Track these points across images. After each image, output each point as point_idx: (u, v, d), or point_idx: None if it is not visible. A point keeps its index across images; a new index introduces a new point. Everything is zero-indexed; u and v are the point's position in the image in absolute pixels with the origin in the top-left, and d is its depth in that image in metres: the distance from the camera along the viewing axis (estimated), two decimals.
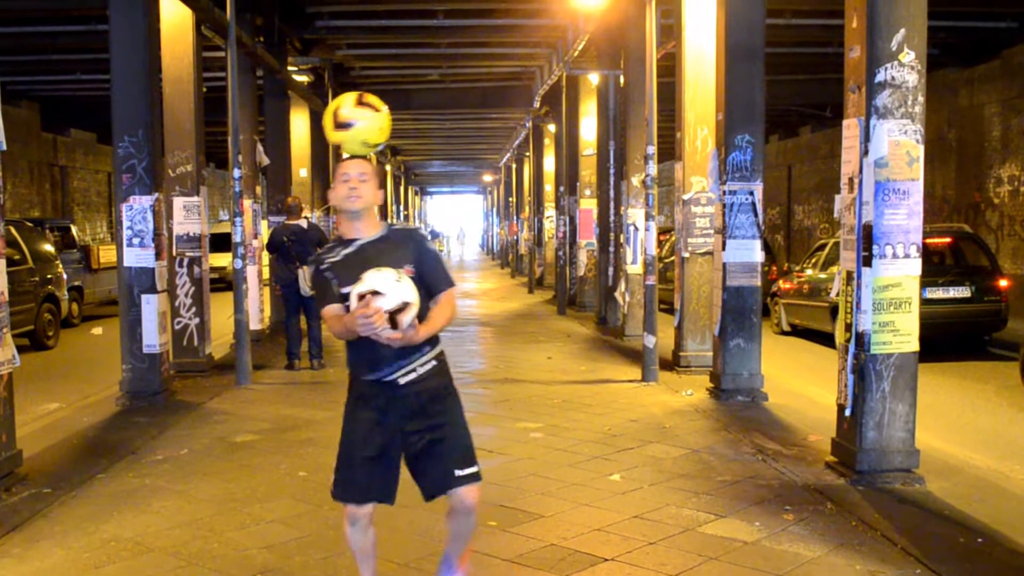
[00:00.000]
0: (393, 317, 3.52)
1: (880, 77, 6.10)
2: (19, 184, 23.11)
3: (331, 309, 3.81)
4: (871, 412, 6.22)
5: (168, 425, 8.25)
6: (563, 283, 19.52)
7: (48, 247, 15.57)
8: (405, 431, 3.81)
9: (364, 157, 3.93)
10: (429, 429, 3.81)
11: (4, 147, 6.28)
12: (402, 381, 3.78)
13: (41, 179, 24.66)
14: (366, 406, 3.82)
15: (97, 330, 16.25)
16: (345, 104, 3.94)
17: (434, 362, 3.86)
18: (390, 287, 3.53)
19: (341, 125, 3.89)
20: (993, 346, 13.20)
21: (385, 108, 4.00)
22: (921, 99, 6.18)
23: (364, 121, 3.90)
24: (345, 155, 3.97)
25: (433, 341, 3.84)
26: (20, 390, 6.95)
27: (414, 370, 3.78)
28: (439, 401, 3.86)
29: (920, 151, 6.17)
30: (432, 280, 3.84)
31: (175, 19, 10.62)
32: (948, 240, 13.58)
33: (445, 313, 3.84)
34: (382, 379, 3.78)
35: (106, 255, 18.12)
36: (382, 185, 4.04)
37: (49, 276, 15.03)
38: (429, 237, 3.85)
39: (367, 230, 3.85)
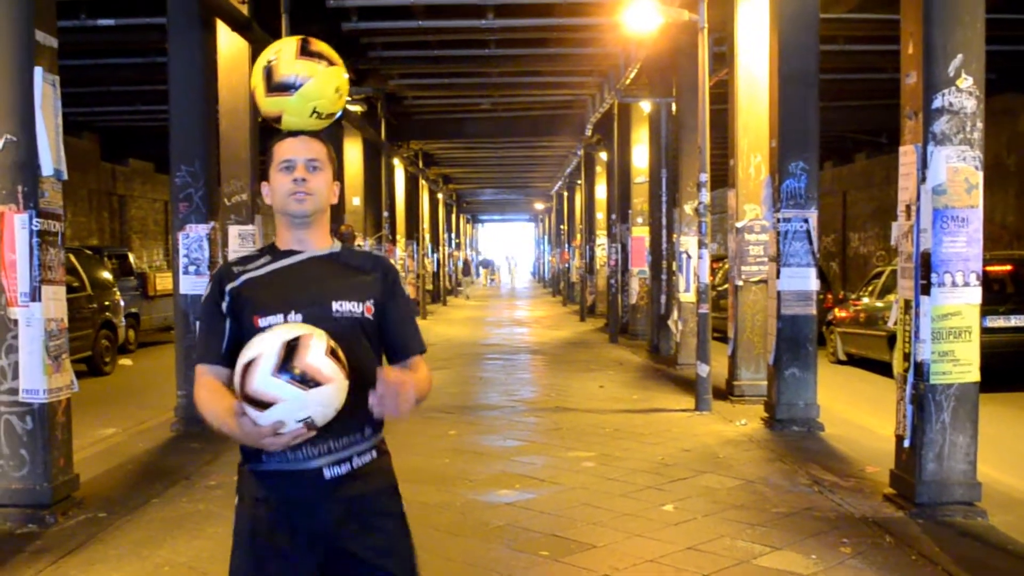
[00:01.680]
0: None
1: (937, 103, 6.02)
2: (79, 212, 23.59)
3: (214, 375, 2.56)
4: (931, 443, 6.09)
5: (222, 451, 8.31)
6: (615, 311, 19.43)
7: (106, 274, 15.84)
8: (329, 549, 2.54)
9: (313, 134, 2.68)
10: (364, 555, 2.54)
11: (65, 177, 6.41)
12: (328, 475, 2.52)
13: (100, 208, 25.15)
14: (266, 521, 2.56)
15: (127, 361, 16.23)
16: (284, 56, 2.65)
17: (374, 453, 2.62)
18: None
19: (279, 87, 2.63)
20: None
21: (339, 60, 2.73)
22: (980, 125, 6.08)
23: (314, 79, 2.63)
24: (282, 129, 2.70)
25: (375, 422, 2.60)
26: (77, 415, 7.05)
27: (348, 460, 2.54)
28: (382, 514, 2.60)
29: (979, 178, 6.06)
30: (400, 334, 2.67)
31: (231, 51, 10.80)
32: (1009, 267, 13.30)
33: (422, 386, 2.56)
34: (296, 469, 2.52)
35: (162, 282, 18.39)
36: (338, 176, 2.77)
37: (107, 303, 15.28)
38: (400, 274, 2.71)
39: (317, 242, 2.67)
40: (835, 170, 28.90)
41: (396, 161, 24.89)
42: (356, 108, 18.83)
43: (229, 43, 10.70)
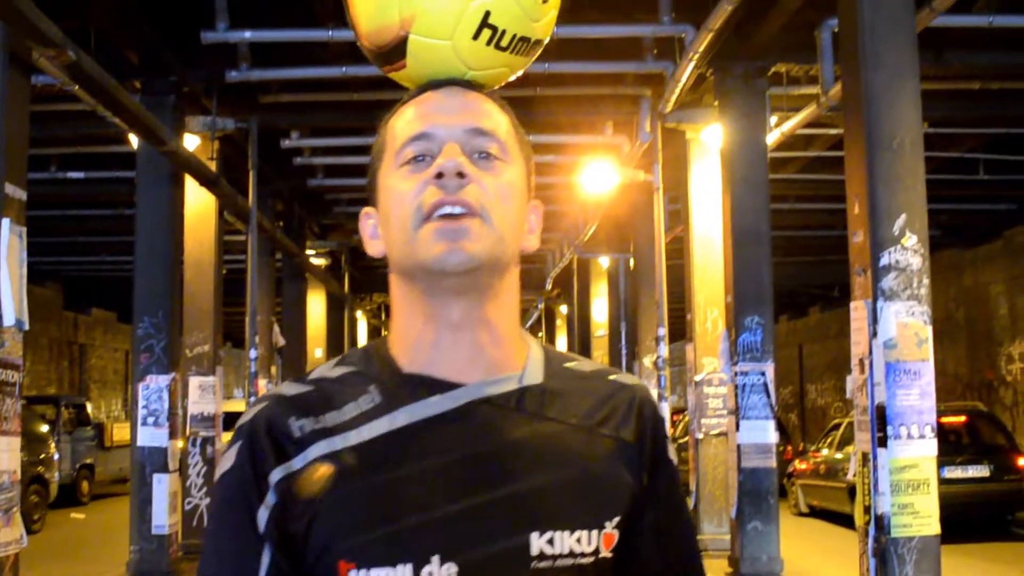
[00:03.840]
0: None
1: (884, 261, 6.24)
2: (38, 361, 23.33)
3: None
4: None
5: None
6: None
7: (43, 428, 15.22)
8: None
9: (472, 85, 1.19)
10: None
11: (27, 327, 6.41)
12: None
13: (60, 356, 24.90)
14: None
15: (79, 515, 15.71)
16: None
17: None
18: None
19: None
20: (1016, 526, 12.90)
21: None
22: (926, 281, 6.29)
23: None
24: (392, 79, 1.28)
25: None
26: (24, 571, 6.85)
27: None
28: None
29: (928, 332, 6.24)
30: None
31: (199, 206, 10.98)
32: (963, 419, 13.49)
33: None
34: None
35: (120, 433, 18.04)
36: (533, 193, 1.28)
37: (42, 456, 14.56)
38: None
39: (493, 351, 1.23)
40: (790, 323, 29.42)
41: (359, 314, 25.03)
42: (320, 261, 19.09)
43: (196, 197, 10.89)
